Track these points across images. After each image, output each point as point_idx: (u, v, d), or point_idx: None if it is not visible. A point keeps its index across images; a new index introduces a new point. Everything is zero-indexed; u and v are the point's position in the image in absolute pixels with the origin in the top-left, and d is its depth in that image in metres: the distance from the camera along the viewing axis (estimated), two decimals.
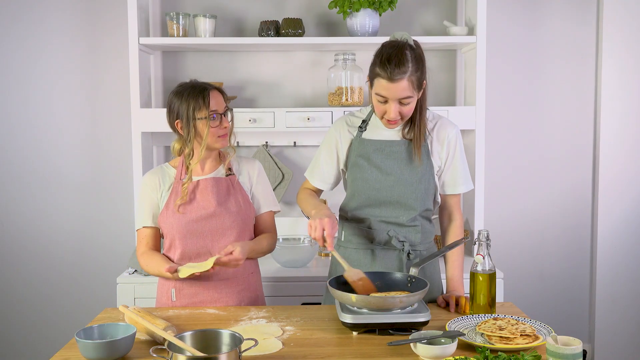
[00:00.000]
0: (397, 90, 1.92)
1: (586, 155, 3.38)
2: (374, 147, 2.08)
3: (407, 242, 2.08)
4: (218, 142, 2.10)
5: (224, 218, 2.10)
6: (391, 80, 1.91)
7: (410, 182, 2.06)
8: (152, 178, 2.15)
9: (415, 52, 1.95)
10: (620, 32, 3.27)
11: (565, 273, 3.43)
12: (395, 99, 1.94)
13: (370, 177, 2.07)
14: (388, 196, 2.07)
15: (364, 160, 2.08)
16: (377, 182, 2.07)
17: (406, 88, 1.92)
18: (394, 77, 1.90)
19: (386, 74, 1.91)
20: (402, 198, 2.07)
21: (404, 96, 1.93)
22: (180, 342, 1.54)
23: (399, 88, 1.92)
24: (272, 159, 3.18)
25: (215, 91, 2.10)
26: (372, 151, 2.07)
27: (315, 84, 3.28)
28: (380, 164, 2.06)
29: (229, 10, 3.25)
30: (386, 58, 1.92)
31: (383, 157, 2.07)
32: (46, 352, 3.20)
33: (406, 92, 1.93)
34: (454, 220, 2.17)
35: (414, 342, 1.62)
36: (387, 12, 3.15)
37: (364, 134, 2.11)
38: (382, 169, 2.06)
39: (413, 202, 2.07)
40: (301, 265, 2.94)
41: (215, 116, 2.06)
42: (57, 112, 3.28)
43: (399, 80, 1.91)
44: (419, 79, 1.95)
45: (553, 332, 1.71)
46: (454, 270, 2.13)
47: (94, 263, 3.33)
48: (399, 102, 1.95)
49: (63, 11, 3.23)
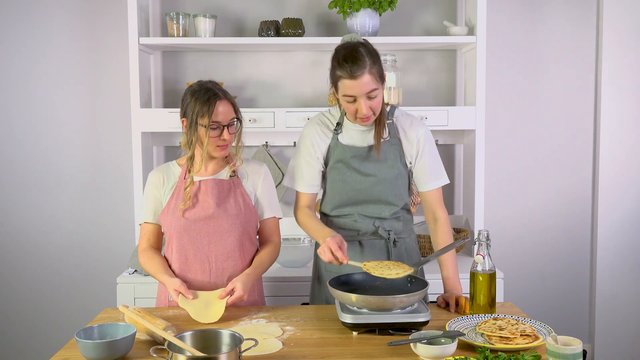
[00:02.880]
0: (361, 86, 1.96)
1: (586, 155, 3.38)
2: (352, 153, 2.13)
3: (392, 231, 2.16)
4: (216, 151, 2.08)
5: (222, 220, 2.09)
6: (353, 77, 1.95)
7: (389, 180, 2.13)
8: (156, 175, 2.16)
9: (368, 48, 2.01)
10: (620, 32, 3.27)
11: (565, 273, 3.43)
12: (362, 95, 1.98)
13: (349, 179, 2.13)
14: (369, 195, 2.13)
15: (342, 164, 2.13)
16: (358, 183, 2.13)
17: (369, 82, 1.97)
18: (355, 73, 1.95)
19: (347, 73, 1.96)
20: (383, 196, 2.13)
21: (370, 89, 1.98)
22: (180, 342, 1.54)
23: (362, 83, 1.96)
24: (272, 159, 3.18)
25: (225, 101, 2.06)
26: (350, 157, 2.12)
27: (315, 84, 3.28)
28: (359, 167, 2.12)
29: (229, 10, 3.25)
30: (343, 59, 1.98)
31: (361, 160, 2.12)
32: (46, 352, 3.20)
33: (370, 85, 1.97)
34: (439, 218, 2.19)
35: (414, 342, 1.62)
36: (387, 12, 3.15)
37: (340, 137, 2.14)
38: (360, 171, 2.12)
39: (393, 199, 2.15)
40: (301, 265, 2.94)
41: (216, 127, 2.04)
42: (57, 112, 3.28)
43: (360, 75, 1.95)
44: (379, 71, 2.01)
45: (553, 332, 1.71)
46: (448, 270, 2.14)
47: (94, 263, 3.33)
48: (366, 97, 1.98)
49: (63, 11, 3.23)
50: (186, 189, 2.08)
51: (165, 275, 2.03)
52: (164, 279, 2.02)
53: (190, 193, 2.08)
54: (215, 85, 2.10)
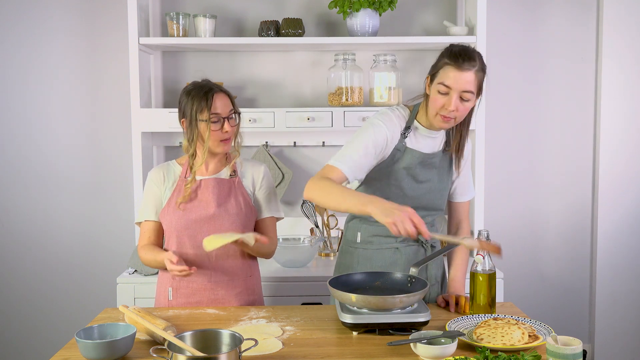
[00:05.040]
0: (463, 81, 1.92)
1: (586, 155, 3.38)
2: (418, 160, 2.06)
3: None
4: (219, 146, 2.09)
5: (223, 219, 2.09)
6: (460, 68, 1.92)
7: (439, 190, 2.12)
8: (157, 173, 2.16)
9: (482, 59, 1.98)
10: (620, 31, 3.27)
11: (565, 273, 3.42)
12: (458, 90, 1.93)
13: (405, 185, 2.07)
14: (418, 202, 2.09)
15: (405, 171, 2.06)
16: (411, 190, 2.08)
17: (471, 81, 1.93)
18: (463, 66, 1.92)
19: (456, 63, 1.92)
20: (431, 203, 2.12)
21: (468, 89, 1.93)
22: (180, 342, 1.54)
23: (465, 78, 1.92)
24: (272, 159, 3.18)
25: (221, 94, 2.08)
26: (415, 164, 2.06)
27: (315, 84, 3.28)
28: (418, 174, 2.08)
29: (229, 10, 3.25)
30: (457, 52, 1.95)
31: (422, 168, 2.08)
32: (46, 352, 3.20)
33: (470, 85, 1.93)
34: (462, 229, 2.22)
35: (414, 342, 1.62)
36: (387, 12, 3.15)
37: (407, 141, 2.06)
38: (417, 178, 2.08)
39: (439, 206, 2.15)
40: (301, 265, 2.94)
41: (216, 120, 2.05)
42: (57, 112, 3.28)
43: (467, 70, 1.92)
44: (481, 82, 1.97)
45: (553, 332, 1.71)
46: (457, 272, 2.16)
47: (94, 263, 3.33)
48: (460, 94, 1.94)
49: (63, 11, 3.23)
50: (187, 185, 2.08)
51: (162, 253, 2.03)
52: (162, 255, 2.02)
53: (190, 189, 2.09)
54: (209, 81, 2.13)
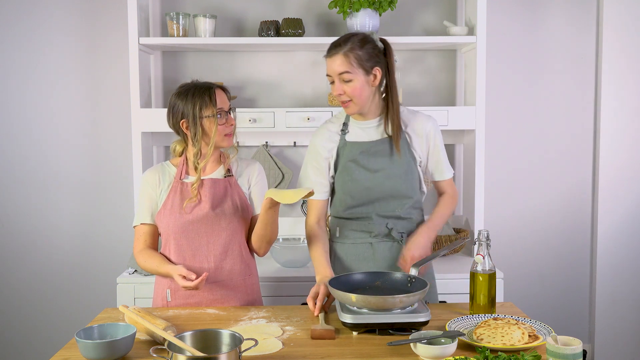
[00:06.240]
0: (333, 65, 2.04)
1: (586, 155, 3.38)
2: (360, 149, 2.14)
3: (405, 233, 2.15)
4: (225, 140, 2.11)
5: (219, 220, 2.09)
6: (329, 56, 2.06)
7: (398, 175, 2.13)
8: (151, 175, 2.16)
9: (367, 39, 2.06)
10: (620, 32, 3.27)
11: (565, 273, 3.43)
12: (334, 75, 2.05)
13: (359, 177, 2.13)
14: (380, 192, 2.13)
15: (352, 163, 2.14)
16: (368, 180, 2.12)
17: (341, 63, 2.03)
18: (330, 53, 2.06)
19: (327, 54, 2.07)
20: (394, 191, 2.13)
21: (341, 71, 2.03)
22: (180, 342, 1.54)
23: (334, 63, 2.04)
24: (272, 159, 3.18)
25: (219, 89, 2.12)
26: (358, 154, 2.14)
27: (315, 84, 3.28)
28: (367, 164, 2.13)
29: (229, 10, 3.25)
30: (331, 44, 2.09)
31: (369, 156, 2.13)
32: (46, 352, 3.20)
33: (342, 67, 2.03)
34: (441, 199, 2.26)
35: (414, 342, 1.62)
36: (387, 12, 3.15)
37: (347, 137, 2.16)
38: (369, 167, 2.13)
39: (405, 192, 2.15)
40: (301, 265, 2.94)
41: (221, 114, 2.08)
42: (57, 112, 3.28)
43: (334, 55, 2.04)
44: (360, 58, 2.03)
45: (553, 332, 1.71)
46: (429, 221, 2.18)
47: (94, 263, 3.33)
48: (340, 79, 2.04)
49: (63, 11, 3.23)
50: (193, 185, 2.09)
51: (168, 265, 2.03)
52: (169, 268, 2.01)
53: (197, 189, 2.09)
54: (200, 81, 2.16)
